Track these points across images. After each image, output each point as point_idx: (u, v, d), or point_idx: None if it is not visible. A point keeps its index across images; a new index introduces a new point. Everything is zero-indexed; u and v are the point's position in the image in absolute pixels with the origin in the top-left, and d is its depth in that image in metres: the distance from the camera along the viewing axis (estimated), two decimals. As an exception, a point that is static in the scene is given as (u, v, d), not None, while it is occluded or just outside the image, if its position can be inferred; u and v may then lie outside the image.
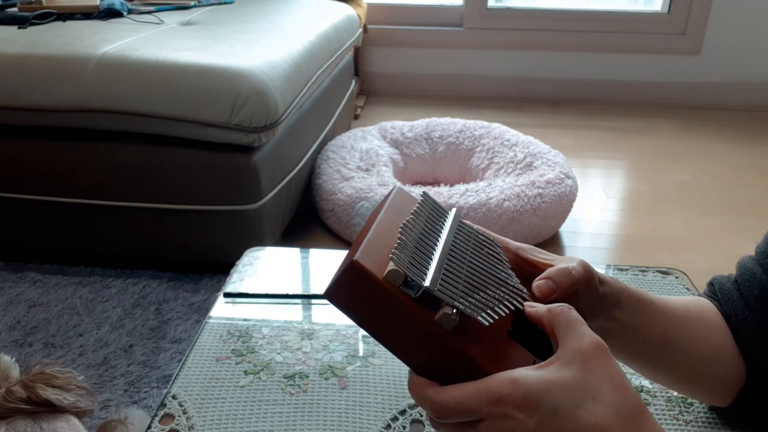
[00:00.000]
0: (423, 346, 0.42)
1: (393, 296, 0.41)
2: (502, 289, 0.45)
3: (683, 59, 3.02)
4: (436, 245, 0.46)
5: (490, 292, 0.44)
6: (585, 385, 0.39)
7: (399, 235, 0.43)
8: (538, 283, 0.48)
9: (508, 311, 0.44)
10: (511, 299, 0.45)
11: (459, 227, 0.50)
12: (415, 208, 0.48)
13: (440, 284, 0.41)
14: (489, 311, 0.42)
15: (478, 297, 0.43)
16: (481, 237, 0.51)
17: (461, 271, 0.44)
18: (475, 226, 0.52)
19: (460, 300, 0.41)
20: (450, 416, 0.40)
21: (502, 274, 0.47)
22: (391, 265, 0.41)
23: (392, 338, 0.43)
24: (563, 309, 0.43)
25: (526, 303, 0.45)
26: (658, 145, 2.61)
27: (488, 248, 0.50)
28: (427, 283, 0.41)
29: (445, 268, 0.43)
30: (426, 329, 0.41)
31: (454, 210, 0.52)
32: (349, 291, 0.42)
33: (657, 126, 2.81)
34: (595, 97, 3.11)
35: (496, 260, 0.49)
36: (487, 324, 0.41)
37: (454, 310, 0.40)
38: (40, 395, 0.85)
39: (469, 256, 0.47)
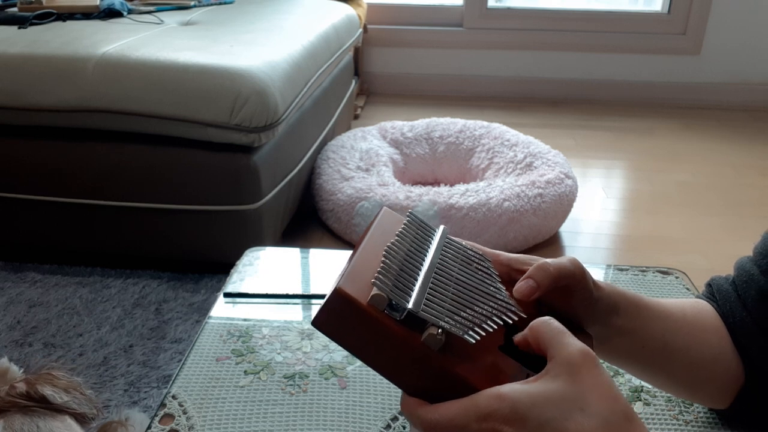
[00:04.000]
0: (411, 368, 0.42)
1: (378, 321, 0.41)
2: (491, 304, 0.45)
3: (683, 59, 3.03)
4: (422, 265, 0.45)
5: (478, 309, 0.44)
6: (573, 397, 0.38)
7: (383, 258, 0.43)
8: (518, 285, 0.48)
9: (497, 327, 0.43)
10: (500, 314, 0.44)
11: (446, 244, 0.49)
12: (400, 228, 0.48)
13: (425, 305, 0.41)
14: (477, 328, 0.42)
15: (464, 315, 0.42)
16: (470, 252, 0.50)
17: (448, 289, 0.44)
18: (464, 242, 0.51)
19: (446, 319, 0.41)
20: None
21: (491, 288, 0.47)
22: (374, 290, 0.41)
23: (381, 362, 0.43)
24: (544, 321, 0.43)
25: (514, 337, 0.45)
26: (658, 145, 2.61)
27: (477, 263, 0.49)
28: (410, 305, 0.41)
29: (430, 288, 0.43)
30: (413, 351, 0.41)
31: (441, 227, 0.51)
32: (335, 318, 0.42)
33: (657, 126, 2.81)
34: (595, 97, 3.11)
35: (485, 275, 0.48)
36: (474, 342, 0.41)
37: (440, 330, 0.40)
38: (38, 391, 0.86)
39: (456, 273, 0.46)
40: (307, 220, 1.96)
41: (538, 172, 1.88)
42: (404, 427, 0.62)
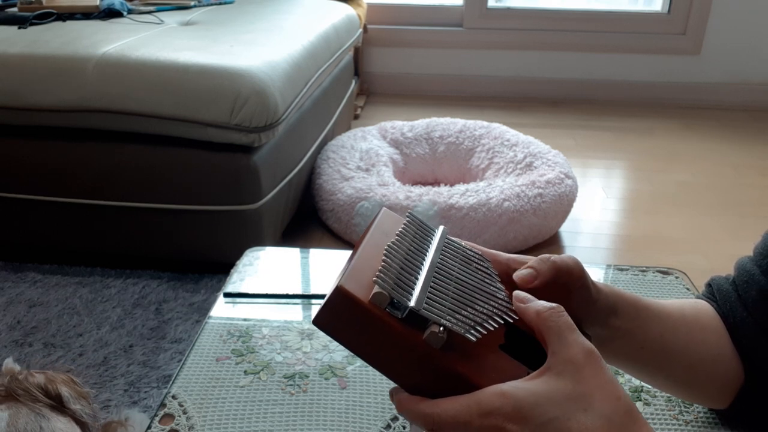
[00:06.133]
0: (413, 366, 0.42)
1: (380, 319, 0.41)
2: (491, 303, 0.45)
3: (683, 59, 3.03)
4: (422, 264, 0.46)
5: (479, 308, 0.44)
6: (576, 396, 0.38)
7: (383, 258, 0.43)
8: (518, 272, 0.48)
9: (497, 326, 0.43)
10: (500, 313, 0.45)
11: (446, 244, 0.50)
12: (400, 228, 0.48)
13: (426, 303, 0.41)
14: (478, 327, 0.42)
15: (465, 313, 0.43)
16: (469, 252, 0.50)
17: (448, 289, 0.44)
18: (464, 242, 0.51)
19: (448, 318, 0.41)
20: (443, 429, 0.41)
21: (491, 288, 0.47)
22: (376, 288, 0.41)
23: (383, 360, 0.43)
24: (552, 312, 0.43)
25: (515, 292, 0.45)
26: (658, 145, 2.61)
27: (476, 263, 0.49)
28: (412, 303, 0.41)
29: (431, 287, 0.43)
30: (414, 349, 0.41)
31: (441, 227, 0.51)
32: (337, 316, 0.42)
33: (657, 126, 2.81)
34: (595, 97, 3.11)
35: (484, 275, 0.48)
36: (475, 340, 0.41)
37: (441, 328, 0.40)
38: (56, 388, 0.87)
39: (457, 273, 0.47)
40: (307, 220, 1.96)
41: (538, 172, 1.88)
42: (404, 427, 0.62)
